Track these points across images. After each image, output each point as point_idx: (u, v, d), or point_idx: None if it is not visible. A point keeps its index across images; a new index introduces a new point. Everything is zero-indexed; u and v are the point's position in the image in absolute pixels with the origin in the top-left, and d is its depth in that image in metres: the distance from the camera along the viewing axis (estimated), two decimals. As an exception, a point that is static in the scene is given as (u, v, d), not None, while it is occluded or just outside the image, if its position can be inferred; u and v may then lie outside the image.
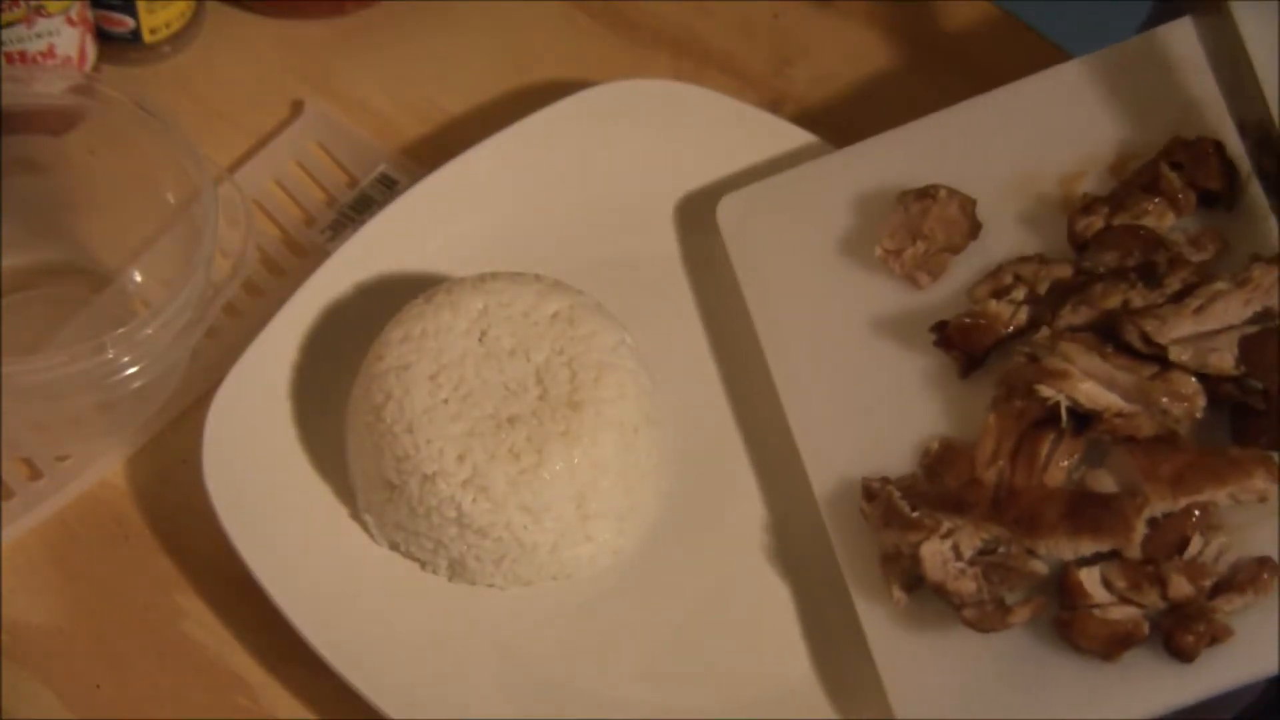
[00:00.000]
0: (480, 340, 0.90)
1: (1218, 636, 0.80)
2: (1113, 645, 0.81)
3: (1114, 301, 0.88)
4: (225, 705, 0.88)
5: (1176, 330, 0.85)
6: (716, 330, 0.98)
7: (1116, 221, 0.91)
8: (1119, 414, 0.85)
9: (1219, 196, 0.91)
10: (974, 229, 0.94)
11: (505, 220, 1.00)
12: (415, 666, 0.87)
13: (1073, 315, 0.89)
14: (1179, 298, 0.86)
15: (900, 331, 0.93)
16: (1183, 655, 0.80)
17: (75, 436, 0.94)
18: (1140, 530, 0.82)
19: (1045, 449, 0.85)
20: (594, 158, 1.02)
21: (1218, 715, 1.47)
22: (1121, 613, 0.82)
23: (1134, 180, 0.93)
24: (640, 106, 1.02)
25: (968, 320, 0.91)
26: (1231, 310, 0.85)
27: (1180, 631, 0.80)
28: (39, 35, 1.00)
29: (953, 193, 0.94)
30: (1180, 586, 0.81)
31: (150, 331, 0.88)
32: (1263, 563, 0.81)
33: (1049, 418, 0.86)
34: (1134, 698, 0.81)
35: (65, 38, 1.01)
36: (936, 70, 1.09)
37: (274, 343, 0.94)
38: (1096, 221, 0.92)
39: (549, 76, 1.09)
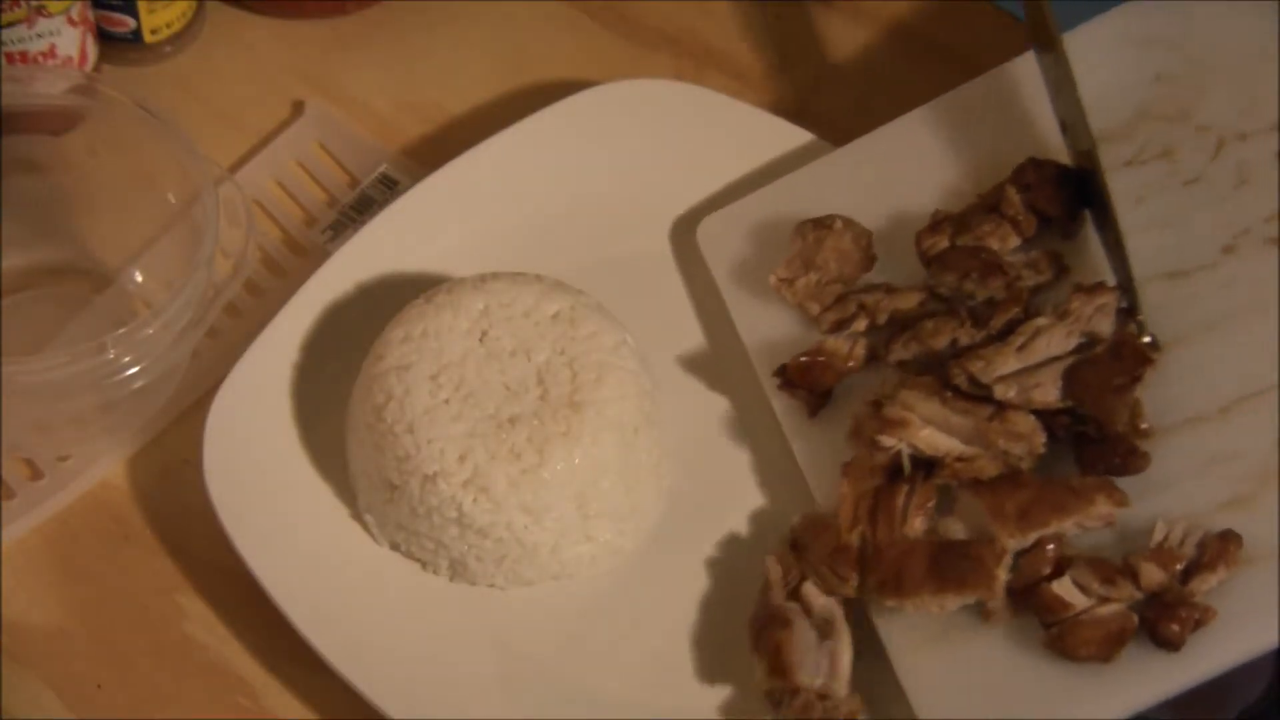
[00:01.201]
0: (481, 340, 0.90)
1: (1202, 620, 0.81)
2: (1109, 646, 0.81)
3: (943, 339, 0.90)
4: (225, 705, 0.88)
5: (1001, 368, 0.87)
6: (717, 330, 0.98)
7: (960, 241, 0.93)
8: (960, 458, 0.86)
9: (1057, 221, 0.93)
10: (867, 262, 0.95)
11: (506, 220, 1.00)
12: (415, 666, 0.87)
13: (903, 350, 0.90)
14: (1004, 335, 0.88)
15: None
16: (1170, 644, 0.81)
17: (76, 437, 0.94)
18: (1002, 578, 0.83)
19: (900, 502, 0.86)
20: (594, 158, 1.02)
21: (1218, 715, 1.47)
22: (1107, 611, 0.82)
23: (981, 201, 0.94)
24: (640, 106, 1.02)
25: (804, 359, 0.92)
26: (1054, 344, 0.87)
27: (1163, 621, 0.81)
28: (40, 35, 1.00)
29: (849, 224, 0.95)
30: (1152, 574, 0.82)
31: (151, 332, 0.88)
32: (1225, 536, 0.82)
33: (899, 469, 0.87)
34: (1137, 690, 0.81)
35: (66, 38, 1.01)
36: (937, 70, 1.09)
37: (274, 343, 0.94)
38: (941, 241, 0.93)
39: (549, 76, 1.09)
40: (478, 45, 1.11)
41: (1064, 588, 0.82)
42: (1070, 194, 0.92)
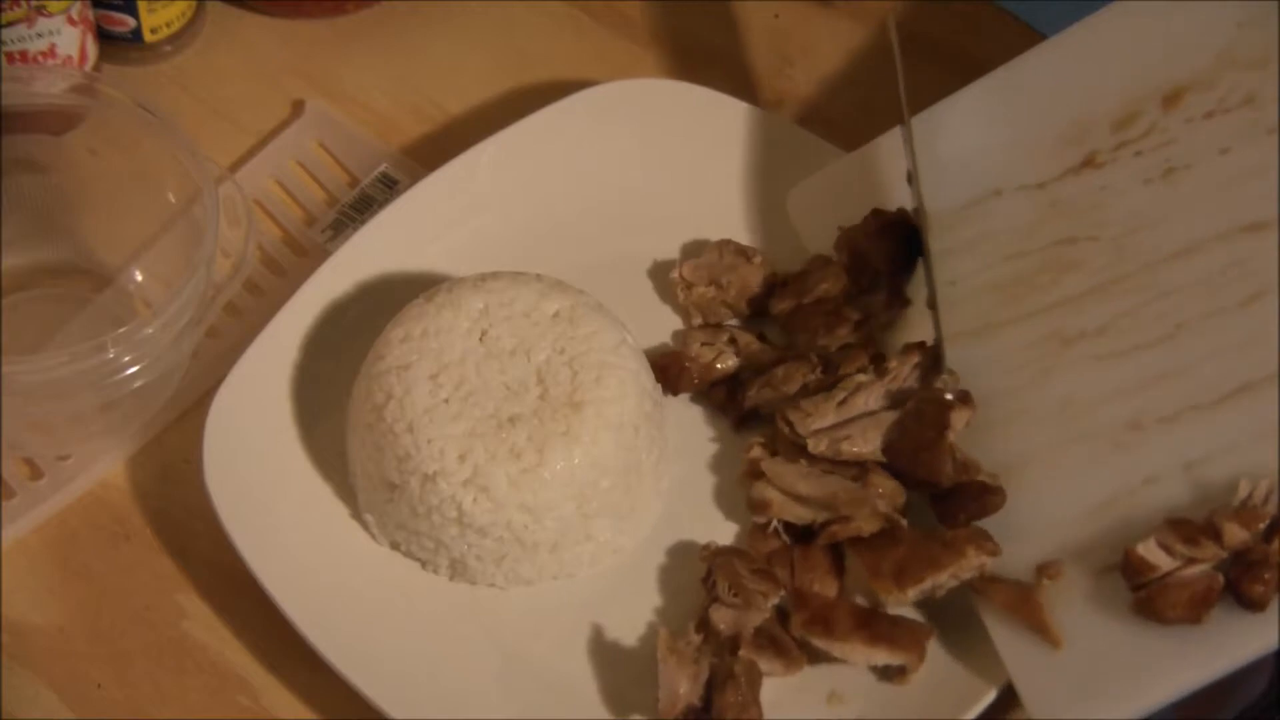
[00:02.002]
0: (481, 340, 0.90)
1: None
2: (1197, 607, 0.81)
3: (794, 385, 0.92)
4: (226, 705, 0.88)
5: (819, 422, 0.90)
6: (717, 330, 0.99)
7: (804, 300, 0.96)
8: (835, 520, 0.88)
9: (883, 272, 0.95)
10: (761, 305, 0.98)
11: (506, 220, 1.00)
12: (415, 666, 0.87)
13: (756, 395, 0.93)
14: (831, 387, 0.91)
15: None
16: (1255, 605, 0.80)
17: (76, 436, 0.94)
18: (927, 649, 0.86)
19: (817, 559, 0.88)
20: (594, 158, 1.02)
21: (1218, 715, 1.47)
22: (1193, 572, 0.82)
23: (816, 255, 0.97)
24: (640, 106, 1.02)
25: (668, 354, 0.95)
26: (871, 400, 0.91)
27: (1248, 581, 0.81)
28: (40, 35, 1.00)
29: (766, 264, 0.98)
30: (1235, 533, 0.81)
31: (151, 331, 0.88)
32: None
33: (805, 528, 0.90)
34: (1227, 652, 0.81)
35: (66, 37, 1.01)
36: (937, 70, 1.09)
37: (274, 343, 0.94)
38: (788, 302, 0.96)
39: (549, 76, 1.09)
40: (478, 45, 1.11)
41: (1148, 549, 0.82)
42: (894, 246, 0.95)
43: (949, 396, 0.89)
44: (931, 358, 0.91)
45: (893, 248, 0.95)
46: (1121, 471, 0.85)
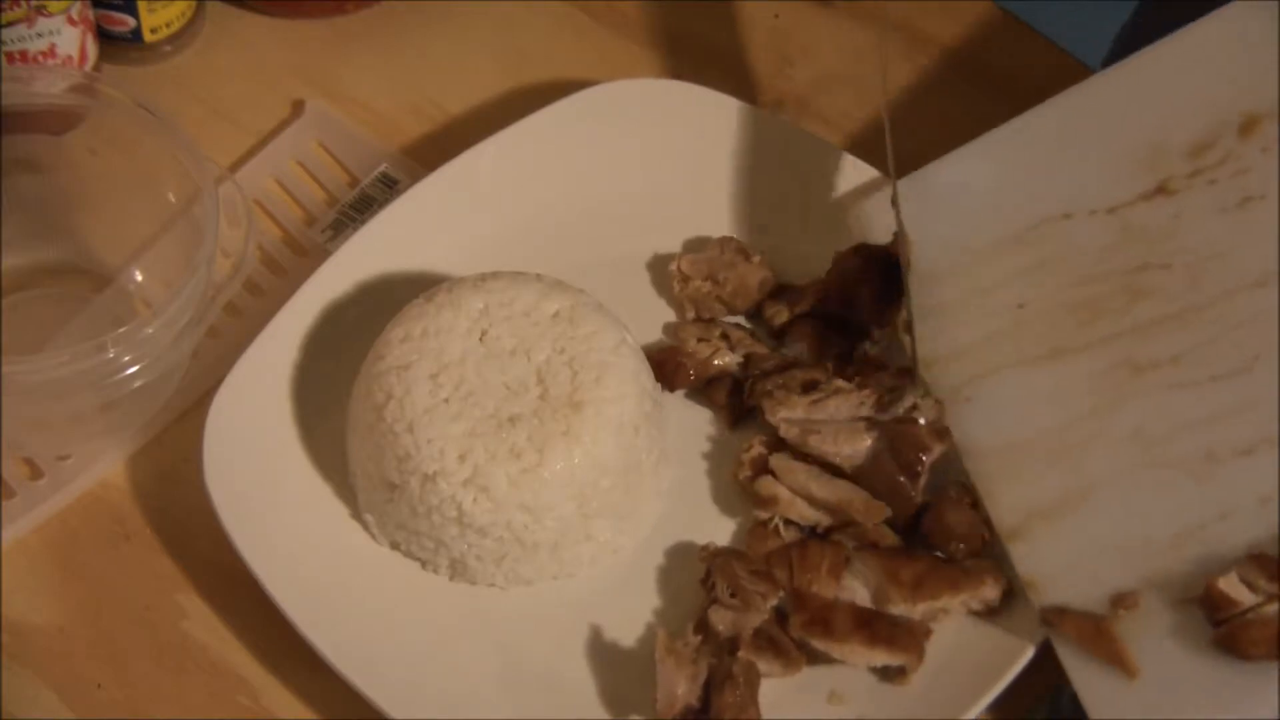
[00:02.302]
0: (481, 340, 0.90)
1: None
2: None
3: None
4: (225, 705, 0.88)
5: (787, 412, 0.91)
6: (717, 330, 0.98)
7: (797, 311, 0.96)
8: (851, 523, 0.89)
9: (868, 301, 0.95)
10: (756, 307, 0.98)
11: (506, 220, 1.00)
12: (415, 666, 0.87)
13: (760, 394, 0.94)
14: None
15: None
16: None
17: (76, 436, 0.94)
18: (926, 649, 0.86)
19: (818, 560, 0.88)
20: (594, 158, 1.02)
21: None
22: (1276, 609, 0.81)
23: (813, 280, 0.97)
24: (640, 106, 1.02)
25: (665, 348, 0.96)
26: (843, 408, 0.91)
27: None
28: (40, 35, 1.00)
29: (765, 265, 0.98)
30: None
31: (151, 331, 0.88)
32: None
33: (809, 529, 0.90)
34: None
35: (66, 37, 1.01)
36: (937, 70, 1.09)
37: (274, 343, 0.94)
38: (782, 312, 0.96)
39: (549, 76, 1.09)
40: (478, 45, 1.11)
41: (1230, 584, 0.82)
42: (878, 280, 0.95)
43: (922, 422, 0.89)
44: (907, 379, 0.91)
45: (877, 281, 0.95)
46: (1198, 503, 0.84)
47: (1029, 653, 0.86)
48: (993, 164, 0.94)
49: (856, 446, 0.90)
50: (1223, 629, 0.81)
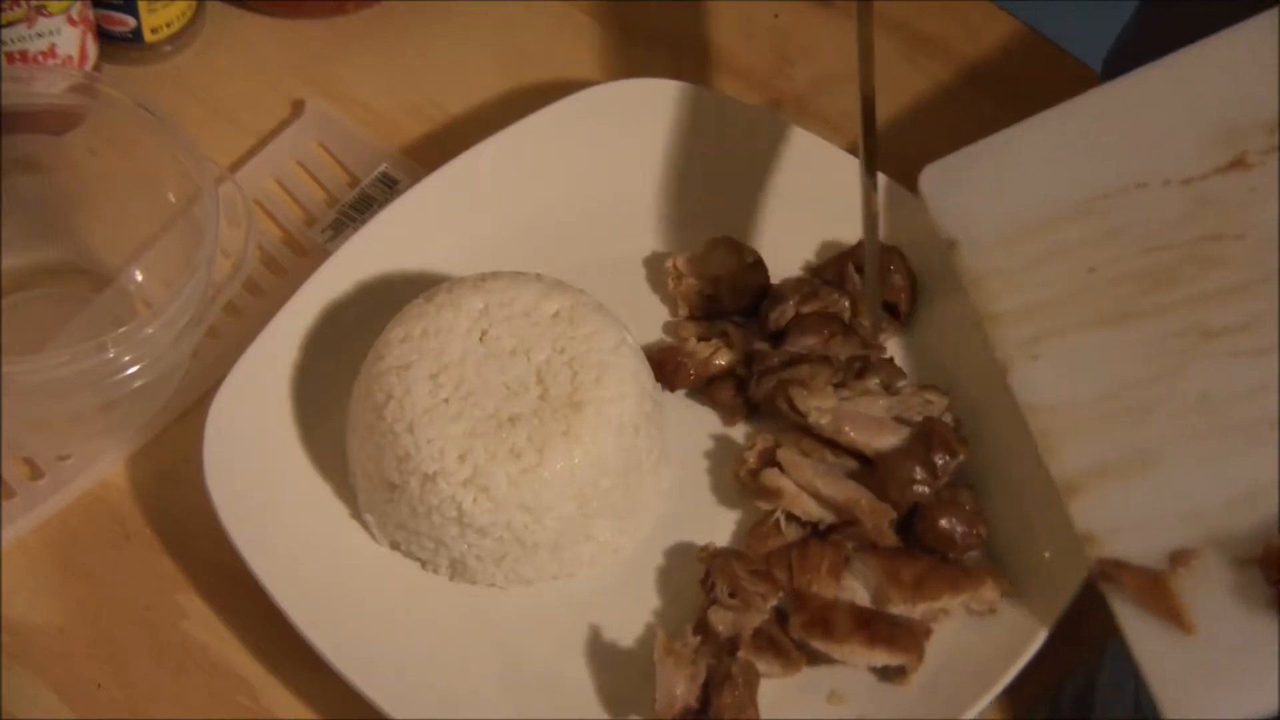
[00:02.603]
0: (481, 340, 0.90)
1: None
2: None
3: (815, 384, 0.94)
4: (225, 705, 0.88)
5: (820, 402, 0.92)
6: (717, 330, 0.98)
7: (806, 309, 0.96)
8: (854, 522, 0.89)
9: (892, 307, 0.97)
10: (752, 307, 0.98)
11: (505, 220, 1.00)
12: (415, 666, 0.87)
13: (767, 390, 0.94)
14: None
15: None
16: None
17: (76, 436, 0.94)
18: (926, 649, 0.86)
19: (818, 560, 0.88)
20: (594, 158, 1.02)
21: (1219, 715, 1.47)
22: None
23: (821, 274, 0.97)
24: (640, 106, 1.02)
25: (665, 349, 0.96)
26: (874, 409, 0.93)
27: None
28: (40, 35, 1.00)
29: (760, 265, 0.98)
30: None
31: (151, 331, 0.88)
32: None
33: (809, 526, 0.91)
34: None
35: (66, 37, 1.01)
36: (936, 70, 1.09)
37: (274, 342, 0.94)
38: (788, 310, 0.96)
39: (549, 76, 1.09)
40: (478, 45, 1.11)
41: None
42: (911, 282, 0.97)
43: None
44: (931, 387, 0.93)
45: (907, 285, 0.97)
46: (1261, 467, 0.85)
47: (1029, 653, 0.86)
48: (1065, 136, 0.94)
49: (887, 440, 0.91)
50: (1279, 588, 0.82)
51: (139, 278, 0.98)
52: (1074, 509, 0.86)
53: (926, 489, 0.90)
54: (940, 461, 0.90)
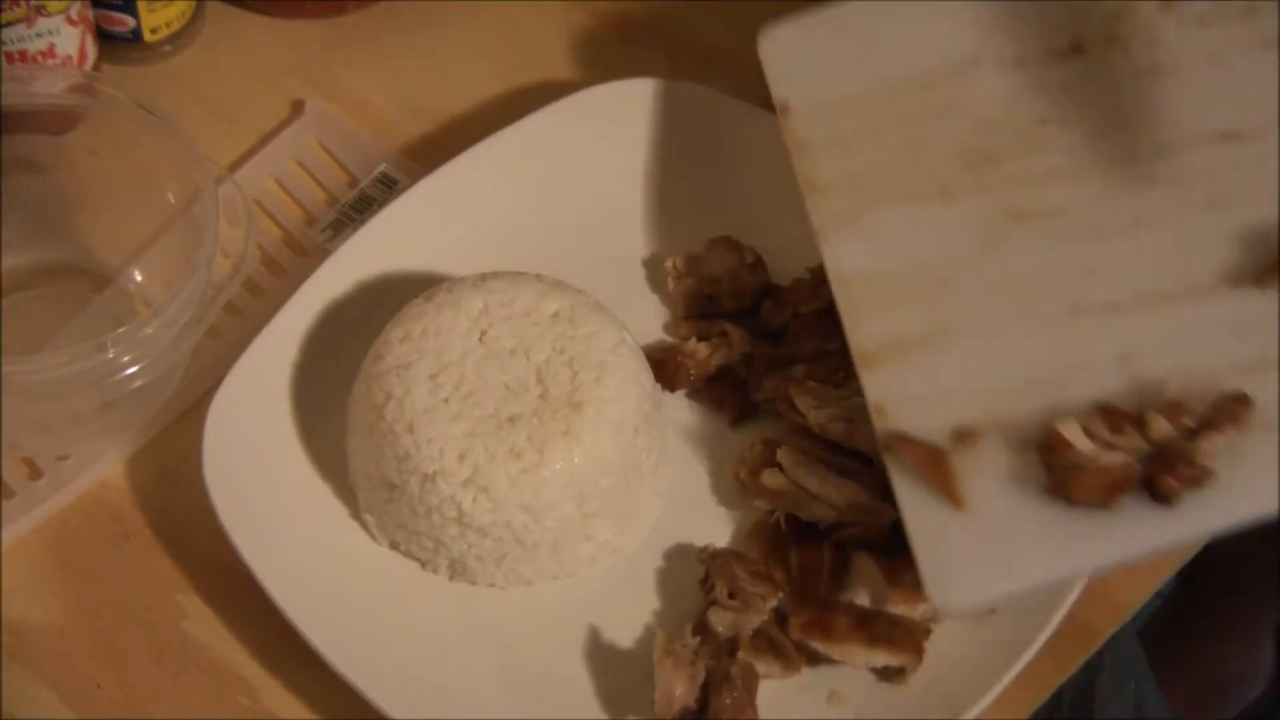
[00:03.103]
0: (481, 340, 0.90)
1: (1199, 479, 0.81)
2: (1108, 493, 0.82)
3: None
4: (225, 705, 0.88)
5: (818, 402, 0.92)
6: (717, 330, 0.98)
7: (804, 310, 0.96)
8: (854, 523, 0.89)
9: None
10: (751, 307, 0.98)
11: (505, 220, 1.00)
12: (415, 666, 0.87)
13: (768, 390, 0.94)
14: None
15: None
16: (1165, 499, 0.81)
17: (76, 436, 0.94)
18: (926, 650, 0.86)
19: (819, 561, 0.88)
20: (594, 158, 1.02)
21: (1218, 715, 1.47)
22: (1111, 459, 0.83)
23: (821, 274, 0.95)
24: (639, 106, 1.02)
25: (664, 350, 0.95)
26: None
27: (1162, 475, 0.81)
28: (39, 35, 1.00)
29: (760, 265, 0.98)
30: (1159, 427, 0.82)
31: (151, 331, 0.88)
32: (1237, 398, 0.83)
33: (809, 526, 0.90)
34: (1128, 541, 0.82)
35: (65, 37, 1.01)
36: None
37: (274, 342, 0.94)
38: (783, 313, 0.96)
39: (549, 76, 1.09)
40: (478, 45, 1.11)
41: (1070, 430, 0.83)
42: None
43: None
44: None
45: None
46: (1057, 352, 0.86)
47: (1029, 653, 0.86)
48: (905, 10, 0.95)
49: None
50: (1056, 473, 0.83)
51: (139, 278, 0.98)
52: (868, 381, 0.87)
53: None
54: None
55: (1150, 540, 0.81)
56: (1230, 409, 0.82)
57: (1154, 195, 0.88)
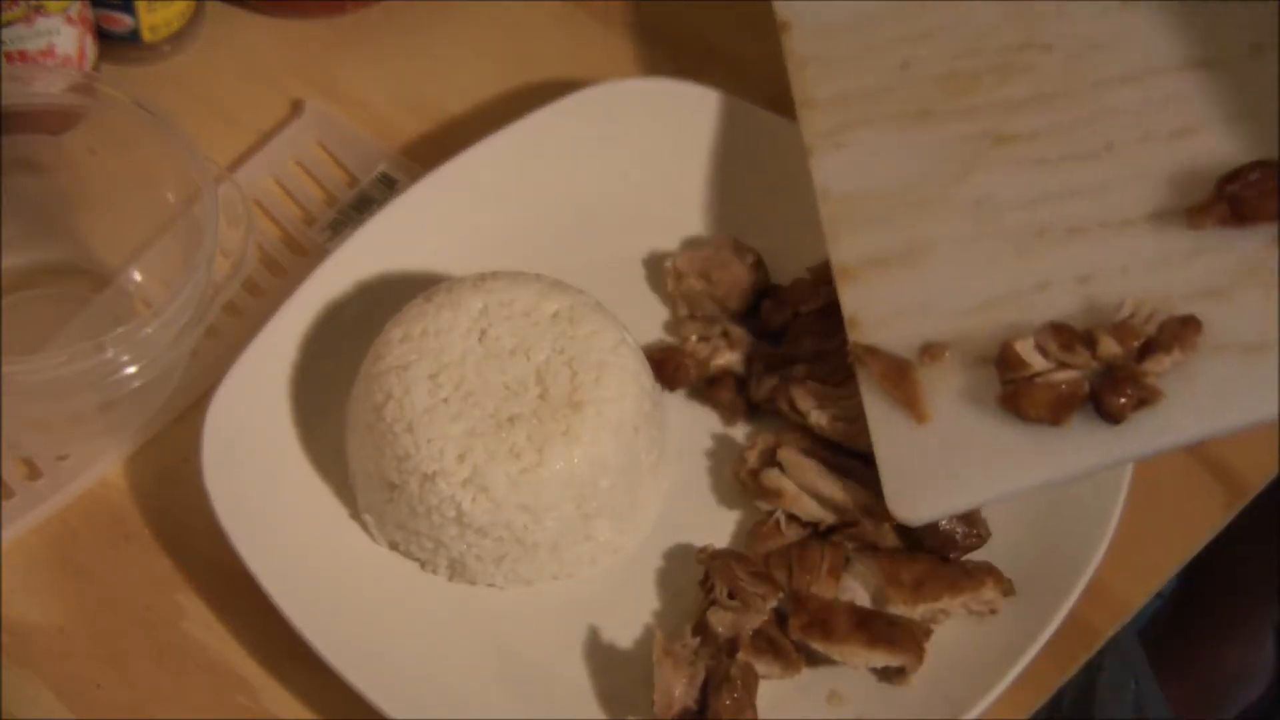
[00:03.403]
0: (480, 340, 0.90)
1: (1147, 399, 0.83)
2: (1058, 409, 0.84)
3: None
4: (225, 705, 0.88)
5: (818, 401, 0.92)
6: (716, 330, 0.98)
7: (804, 309, 0.96)
8: (854, 523, 0.89)
9: None
10: (750, 307, 0.98)
11: (505, 220, 1.00)
12: (415, 666, 0.87)
13: (769, 390, 0.94)
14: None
15: None
16: (1112, 417, 0.83)
17: (75, 436, 0.94)
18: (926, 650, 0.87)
19: (818, 560, 0.89)
20: (594, 158, 1.02)
21: (1218, 715, 1.47)
22: (1062, 376, 0.85)
23: (821, 274, 0.97)
24: (640, 106, 1.02)
25: (665, 348, 0.96)
26: None
27: (1110, 394, 0.83)
28: (39, 34, 0.99)
29: (759, 266, 0.98)
30: (1109, 346, 0.84)
31: (150, 331, 0.88)
32: (1186, 321, 0.85)
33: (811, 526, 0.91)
34: (1076, 457, 0.84)
35: (65, 37, 1.01)
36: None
37: (274, 342, 0.94)
38: (782, 313, 0.97)
39: (549, 76, 1.09)
40: (477, 44, 1.11)
41: (1024, 347, 0.85)
42: None
43: None
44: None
45: None
46: (1019, 273, 0.89)
47: (1029, 653, 0.86)
48: None
49: None
50: (1009, 388, 0.85)
51: (138, 278, 0.98)
52: (845, 295, 0.90)
53: None
54: None
55: (1098, 457, 0.84)
56: (1178, 331, 0.84)
57: (1126, 122, 0.91)
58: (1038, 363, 0.85)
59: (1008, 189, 0.91)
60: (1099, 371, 0.84)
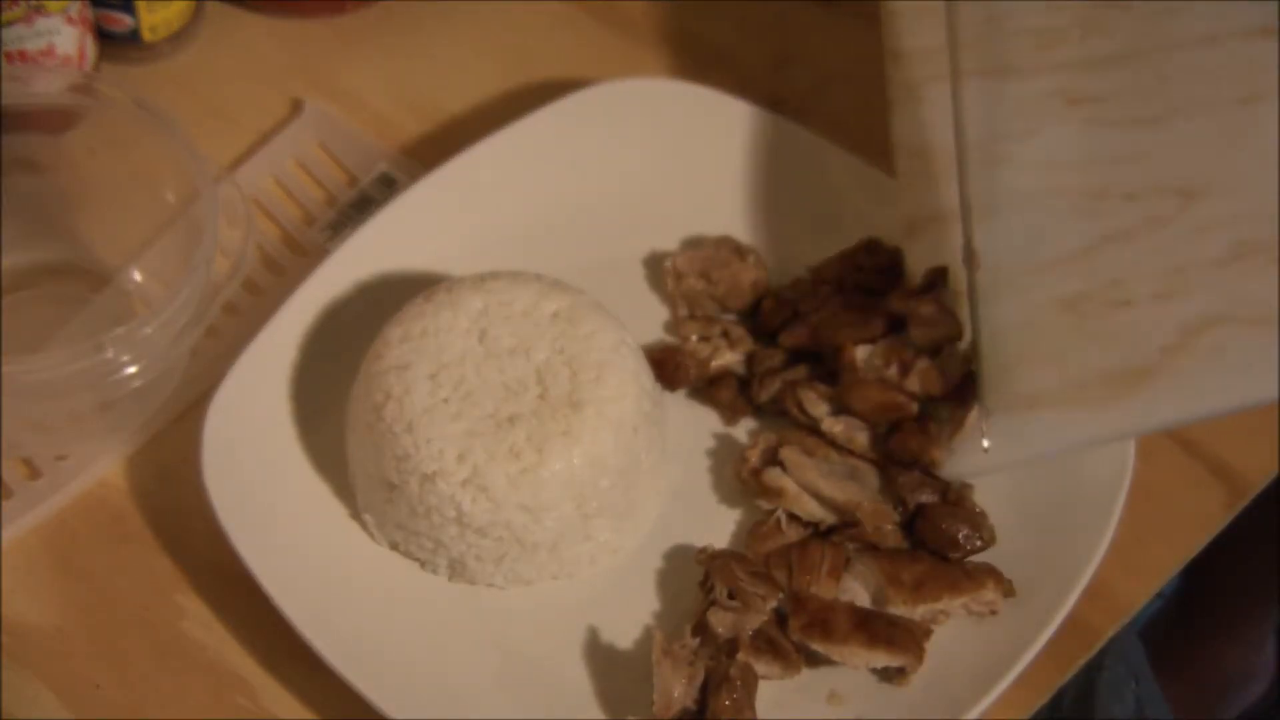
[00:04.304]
0: (480, 340, 0.90)
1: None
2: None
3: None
4: (225, 705, 0.88)
5: (824, 403, 0.92)
6: (716, 330, 0.98)
7: (805, 310, 0.96)
8: (855, 523, 0.89)
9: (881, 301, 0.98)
10: (750, 307, 0.98)
11: (505, 220, 1.00)
12: (415, 666, 0.87)
13: (772, 390, 0.94)
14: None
15: None
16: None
17: (75, 436, 0.94)
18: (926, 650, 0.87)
19: (818, 560, 0.88)
20: (594, 158, 1.02)
21: (1218, 715, 1.48)
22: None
23: (821, 274, 0.97)
24: (640, 106, 1.02)
25: (665, 347, 0.96)
26: None
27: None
28: (39, 34, 1.00)
29: (759, 265, 0.98)
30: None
31: (150, 331, 0.88)
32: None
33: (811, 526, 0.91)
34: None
35: (65, 37, 1.01)
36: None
37: (274, 342, 0.94)
38: (784, 311, 0.97)
39: (549, 76, 1.09)
40: (478, 44, 1.11)
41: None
42: (888, 278, 0.96)
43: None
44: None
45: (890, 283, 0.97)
46: (1080, 236, 0.89)
47: (1029, 653, 0.86)
48: None
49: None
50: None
51: (138, 278, 0.98)
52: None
53: (932, 492, 0.90)
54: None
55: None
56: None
57: (1193, 86, 0.91)
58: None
59: (1073, 150, 0.91)
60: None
